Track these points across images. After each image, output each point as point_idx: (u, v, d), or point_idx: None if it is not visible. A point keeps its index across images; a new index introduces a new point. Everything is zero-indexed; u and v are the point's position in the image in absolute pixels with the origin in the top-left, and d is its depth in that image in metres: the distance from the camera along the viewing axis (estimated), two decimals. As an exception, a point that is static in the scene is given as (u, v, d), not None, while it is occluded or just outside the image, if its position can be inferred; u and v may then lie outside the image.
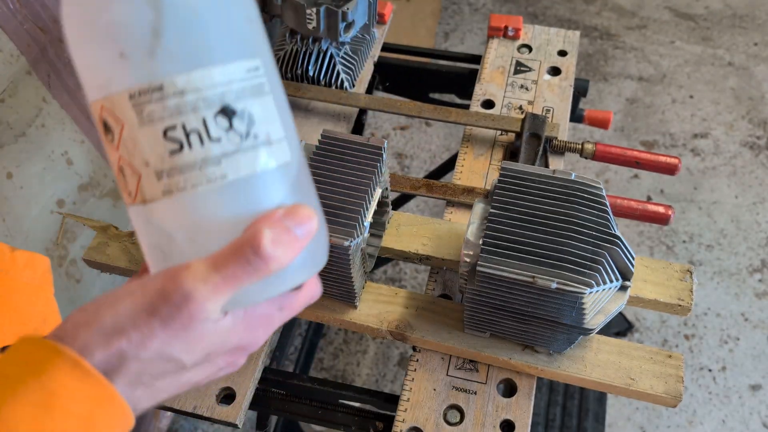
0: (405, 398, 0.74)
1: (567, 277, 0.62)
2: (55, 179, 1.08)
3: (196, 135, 0.35)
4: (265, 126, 0.37)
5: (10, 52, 0.97)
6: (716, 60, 2.41)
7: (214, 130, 0.35)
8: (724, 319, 1.78)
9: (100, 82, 0.35)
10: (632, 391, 0.72)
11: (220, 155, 0.35)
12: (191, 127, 0.35)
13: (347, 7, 0.96)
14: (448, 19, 2.62)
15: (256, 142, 0.36)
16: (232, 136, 0.36)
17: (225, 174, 0.36)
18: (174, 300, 0.34)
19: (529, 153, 0.92)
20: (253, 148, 0.36)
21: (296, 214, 0.36)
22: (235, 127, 0.36)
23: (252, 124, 0.36)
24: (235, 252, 0.34)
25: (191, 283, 0.34)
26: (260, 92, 0.37)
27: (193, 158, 0.35)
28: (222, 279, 0.34)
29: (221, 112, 0.35)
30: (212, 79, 0.35)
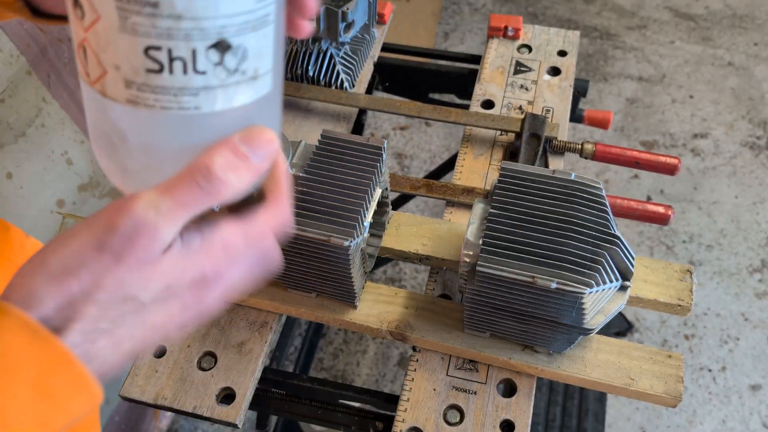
0: (405, 398, 0.74)
1: (567, 277, 0.62)
2: (55, 179, 1.08)
3: (180, 63, 0.32)
4: (256, 60, 0.34)
5: (10, 52, 0.97)
6: (716, 60, 2.41)
7: (202, 63, 0.32)
8: (724, 319, 1.78)
9: None
10: (632, 391, 0.72)
11: (200, 87, 0.33)
12: (178, 54, 0.32)
13: (347, 7, 0.96)
14: (448, 19, 2.62)
15: (242, 78, 0.34)
16: (219, 71, 0.33)
17: (199, 105, 0.33)
18: (124, 230, 0.31)
19: (529, 153, 0.92)
20: (236, 84, 0.34)
21: (253, 138, 0.34)
22: (225, 62, 0.33)
23: (244, 60, 0.34)
24: (186, 177, 0.33)
25: (142, 211, 0.32)
26: (264, 23, 0.34)
27: (171, 84, 0.32)
28: (174, 204, 0.32)
29: (215, 46, 0.32)
30: (216, 10, 0.31)
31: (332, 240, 0.66)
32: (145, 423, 1.50)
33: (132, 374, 0.76)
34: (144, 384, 0.76)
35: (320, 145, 0.73)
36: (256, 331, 0.80)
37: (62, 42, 1.06)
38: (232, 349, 0.78)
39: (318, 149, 0.73)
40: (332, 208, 0.68)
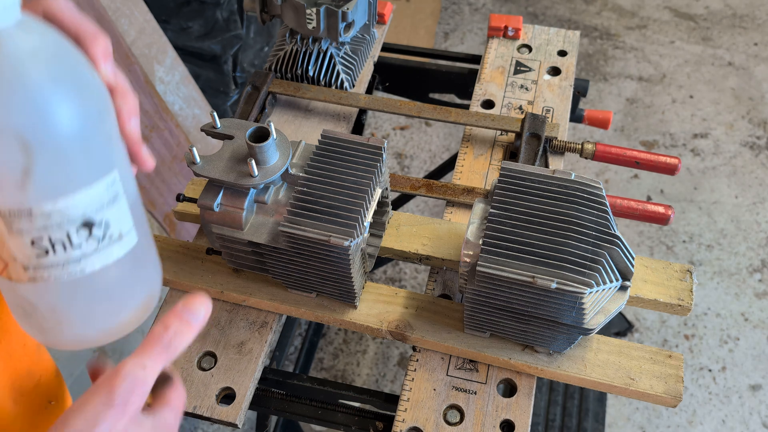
0: (405, 398, 0.74)
1: (567, 277, 0.62)
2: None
3: (60, 244, 0.41)
4: (119, 225, 0.43)
5: (10, 52, 0.97)
6: (716, 60, 2.41)
7: (76, 240, 0.41)
8: (724, 319, 1.78)
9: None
10: (632, 391, 0.72)
11: (80, 257, 0.42)
12: (56, 238, 0.40)
13: (347, 7, 0.96)
14: (448, 19, 2.62)
15: (110, 241, 0.43)
16: (91, 242, 0.42)
17: (83, 269, 0.42)
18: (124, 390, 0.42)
19: (529, 153, 0.92)
20: (107, 247, 0.43)
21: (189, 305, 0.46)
22: (94, 234, 0.42)
23: (108, 228, 0.43)
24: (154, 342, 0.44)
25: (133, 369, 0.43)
26: (116, 199, 0.43)
27: (57, 260, 0.41)
28: (152, 362, 0.44)
29: (83, 226, 0.41)
30: (75, 203, 0.40)
31: (332, 240, 0.66)
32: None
33: (132, 374, 0.76)
34: (144, 384, 0.76)
35: (320, 145, 0.73)
36: (256, 331, 0.80)
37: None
38: (232, 349, 0.78)
39: (318, 149, 0.73)
40: (332, 208, 0.68)
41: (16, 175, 0.38)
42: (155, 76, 1.46)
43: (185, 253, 0.84)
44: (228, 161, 0.70)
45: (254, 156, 0.68)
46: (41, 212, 0.39)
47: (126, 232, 0.45)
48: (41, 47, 0.38)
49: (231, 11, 1.85)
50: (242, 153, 0.70)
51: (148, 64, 1.44)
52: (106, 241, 0.43)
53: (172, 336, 0.45)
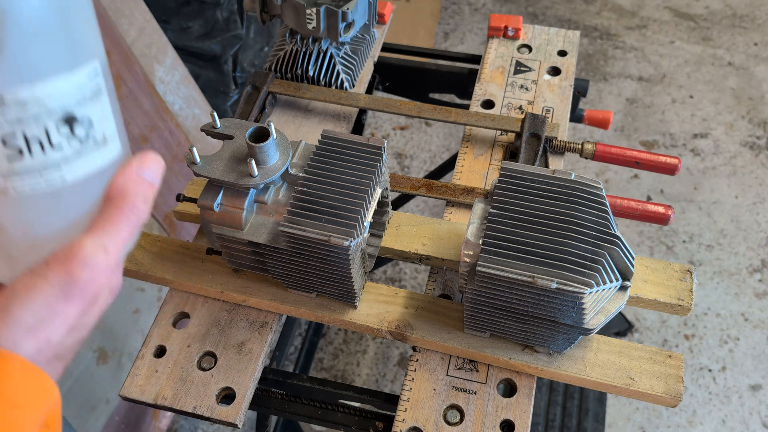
0: (405, 398, 0.74)
1: (567, 277, 0.62)
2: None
3: (37, 143, 0.35)
4: (102, 126, 0.38)
5: (10, 52, 0.97)
6: (716, 60, 2.41)
7: (56, 138, 0.36)
8: (724, 319, 1.78)
9: None
10: (632, 391, 0.72)
11: (60, 161, 0.36)
12: (32, 135, 0.35)
13: (347, 7, 0.96)
14: (448, 19, 2.62)
15: (95, 144, 0.38)
16: (73, 143, 0.36)
17: (64, 177, 0.37)
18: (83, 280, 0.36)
19: (529, 153, 0.92)
20: (91, 151, 0.38)
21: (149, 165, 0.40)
22: (76, 133, 0.37)
23: (91, 127, 0.37)
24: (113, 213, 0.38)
25: (94, 258, 0.36)
26: (99, 94, 0.38)
27: (33, 164, 0.36)
28: (116, 241, 0.37)
29: (63, 121, 0.36)
30: (55, 90, 0.35)
31: (332, 240, 0.66)
32: (145, 423, 1.50)
33: (132, 374, 0.76)
34: (144, 384, 0.76)
35: (320, 145, 0.73)
36: (256, 331, 0.80)
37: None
38: (232, 349, 0.78)
39: (318, 149, 0.73)
40: (332, 208, 0.68)
41: None
42: (155, 76, 1.46)
43: (185, 253, 0.84)
44: (228, 161, 0.70)
45: (254, 156, 0.68)
46: (15, 99, 0.34)
47: (110, 137, 0.39)
48: None
49: (231, 11, 1.85)
50: (242, 153, 0.70)
51: (148, 64, 1.44)
52: (89, 143, 0.37)
53: (134, 201, 0.38)
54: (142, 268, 0.82)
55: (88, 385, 1.28)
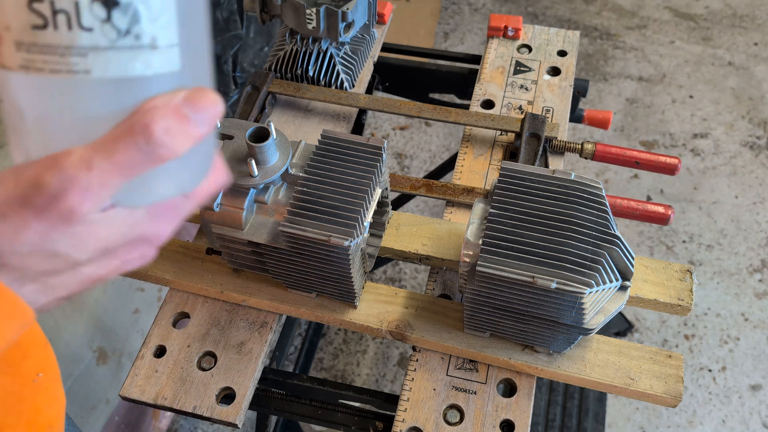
0: (405, 398, 0.74)
1: (567, 277, 0.62)
2: (55, 179, 1.08)
3: (64, 16, 0.30)
4: (153, 27, 0.31)
5: (10, 52, 0.97)
6: (716, 60, 2.41)
7: (87, 18, 0.30)
8: (724, 319, 1.78)
9: None
10: (632, 391, 0.72)
11: (87, 47, 0.30)
12: (60, 5, 0.30)
13: (347, 7, 0.96)
14: (448, 19, 2.62)
15: (136, 43, 0.31)
16: (108, 30, 0.30)
17: (89, 69, 0.31)
18: (50, 189, 0.30)
19: (529, 153, 0.92)
20: (129, 49, 0.31)
21: (197, 100, 0.32)
22: (113, 20, 0.30)
23: (136, 23, 0.31)
24: (124, 136, 0.31)
25: (72, 170, 0.30)
26: None
27: (57, 41, 0.30)
28: (110, 165, 0.31)
29: None
30: None
31: (332, 240, 0.66)
32: (145, 423, 1.50)
33: (132, 374, 0.76)
34: (144, 384, 0.76)
35: (320, 145, 0.73)
36: (256, 331, 0.80)
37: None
38: (232, 349, 0.78)
39: (318, 149, 0.73)
40: (332, 208, 0.68)
41: None
42: (155, 76, 1.46)
43: (185, 253, 0.84)
44: (228, 161, 0.70)
45: (254, 156, 0.68)
46: None
47: (164, 46, 0.32)
48: None
49: (231, 11, 1.85)
50: (242, 153, 0.70)
51: (148, 64, 1.43)
52: (129, 39, 0.31)
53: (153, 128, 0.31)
54: (142, 268, 0.82)
55: (87, 385, 1.28)
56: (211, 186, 0.39)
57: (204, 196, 0.39)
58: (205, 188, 0.39)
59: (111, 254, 0.35)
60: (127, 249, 0.35)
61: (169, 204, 0.36)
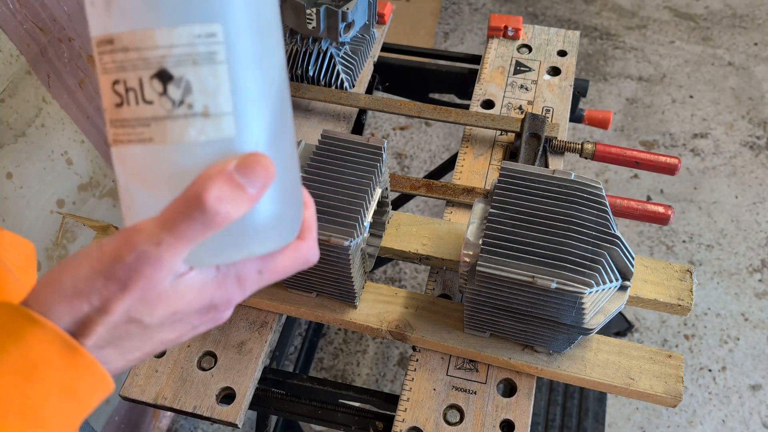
0: (405, 398, 0.74)
1: (567, 277, 0.62)
2: (55, 179, 1.08)
3: (133, 93, 0.35)
4: (206, 97, 0.35)
5: (9, 52, 0.97)
6: (716, 60, 2.41)
7: (148, 92, 0.35)
8: (724, 319, 1.78)
9: (89, 22, 0.36)
10: (632, 391, 0.72)
11: (149, 117, 0.35)
12: (130, 84, 0.35)
13: (347, 7, 0.96)
14: (448, 19, 2.62)
15: (190, 111, 0.35)
16: (164, 102, 0.35)
17: (152, 137, 0.35)
18: (128, 263, 0.34)
19: (529, 153, 0.92)
20: (184, 118, 0.35)
21: (248, 167, 0.35)
22: (168, 92, 0.35)
23: (188, 93, 0.35)
24: (181, 209, 0.34)
25: (143, 247, 0.34)
26: (210, 60, 0.35)
27: (129, 115, 0.35)
28: (173, 238, 0.34)
29: (157, 76, 0.35)
30: (153, 41, 0.34)
31: (332, 240, 0.66)
32: (145, 423, 1.50)
33: (132, 374, 0.76)
34: (144, 384, 0.76)
35: (320, 145, 0.73)
36: (256, 331, 0.80)
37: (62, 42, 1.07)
38: (232, 349, 0.78)
39: (318, 149, 0.73)
40: (332, 208, 0.68)
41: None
42: (155, 76, 1.46)
43: (185, 253, 0.84)
44: (228, 161, 0.70)
45: (254, 156, 0.68)
46: (120, 43, 0.34)
47: (216, 113, 0.35)
48: None
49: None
50: (242, 153, 0.70)
51: (148, 64, 1.44)
52: (182, 108, 0.35)
53: (207, 201, 0.33)
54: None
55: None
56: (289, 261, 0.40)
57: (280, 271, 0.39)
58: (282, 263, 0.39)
59: (181, 320, 0.38)
60: (196, 315, 0.38)
61: (242, 275, 0.38)
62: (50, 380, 0.34)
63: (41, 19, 1.01)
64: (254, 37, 0.36)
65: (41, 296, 0.35)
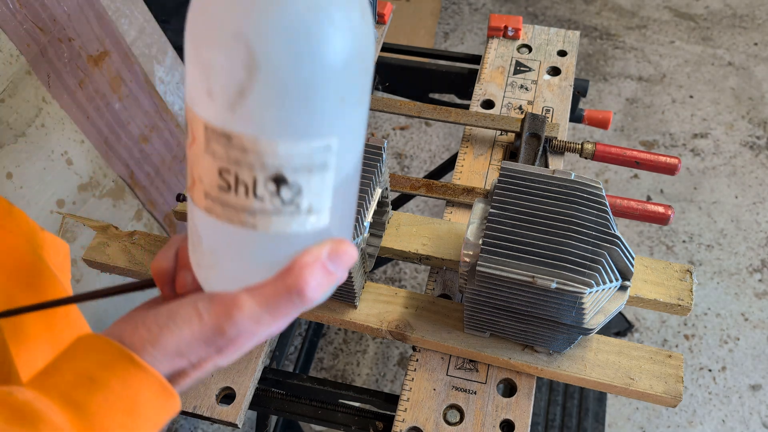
0: (405, 398, 0.74)
1: (567, 277, 0.62)
2: (55, 179, 1.08)
3: (243, 187, 0.37)
4: (311, 198, 0.38)
5: (10, 52, 0.97)
6: (716, 60, 2.41)
7: (261, 191, 0.37)
8: (724, 319, 1.78)
9: (191, 94, 0.37)
10: (632, 391, 0.72)
11: (257, 210, 0.37)
12: (242, 178, 0.36)
13: (347, 7, 0.96)
14: (448, 19, 2.62)
15: (296, 209, 0.38)
16: (275, 201, 0.37)
17: (256, 225, 0.38)
18: (229, 336, 0.39)
19: (529, 153, 0.92)
20: (290, 214, 0.38)
21: (340, 256, 0.40)
22: (281, 194, 0.37)
23: (298, 195, 0.37)
24: (282, 293, 0.39)
25: (246, 323, 0.39)
26: (322, 169, 0.37)
27: (235, 202, 0.37)
28: (271, 318, 0.39)
29: (273, 179, 0.36)
30: (275, 150, 0.35)
31: (332, 240, 0.66)
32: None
33: (132, 374, 0.76)
34: (144, 384, 0.76)
35: (320, 145, 0.73)
36: (256, 331, 0.80)
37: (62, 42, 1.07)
38: (232, 349, 0.78)
39: (318, 149, 0.73)
40: (332, 208, 0.68)
41: (231, 89, 0.34)
42: (155, 76, 1.46)
43: (185, 253, 0.84)
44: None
45: (254, 156, 0.68)
46: (240, 145, 0.35)
47: (317, 210, 0.39)
48: None
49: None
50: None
51: (148, 64, 1.43)
52: (290, 207, 0.38)
53: (303, 286, 0.38)
54: (142, 268, 0.82)
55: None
56: None
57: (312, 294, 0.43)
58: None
59: None
60: None
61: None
62: (147, 418, 0.39)
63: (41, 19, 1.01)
64: (355, 142, 0.39)
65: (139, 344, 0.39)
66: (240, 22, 0.33)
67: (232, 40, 0.33)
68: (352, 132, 0.38)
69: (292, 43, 0.33)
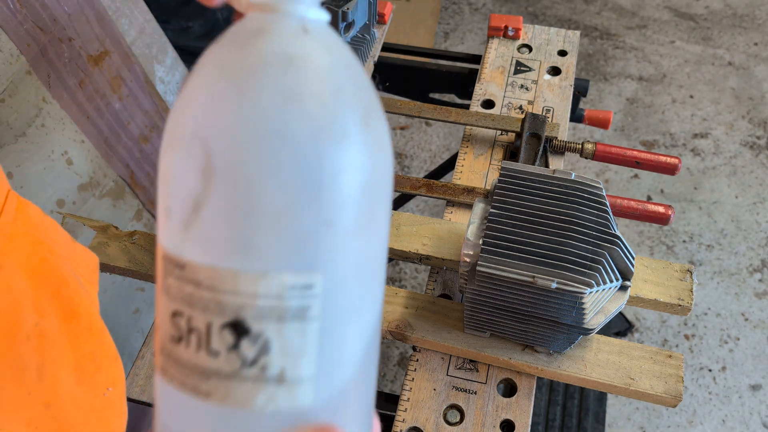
0: (405, 398, 0.74)
1: (567, 277, 0.62)
2: (55, 179, 1.08)
3: (195, 337, 0.28)
4: (284, 359, 0.28)
5: (10, 52, 0.97)
6: (716, 60, 2.41)
7: (216, 343, 0.28)
8: (724, 319, 1.78)
9: (158, 221, 0.30)
10: (632, 391, 0.72)
11: (210, 371, 0.28)
12: (194, 324, 0.28)
13: (347, 7, 0.96)
14: (448, 19, 2.62)
15: (262, 375, 0.28)
16: (232, 358, 0.27)
17: (209, 393, 0.28)
18: None
19: (529, 153, 0.92)
20: (252, 381, 0.28)
21: None
22: (240, 349, 0.27)
23: (264, 353, 0.28)
24: None
25: None
26: (299, 317, 0.28)
27: (184, 358, 0.28)
28: None
29: (230, 326, 0.27)
30: (234, 285, 0.27)
31: (332, 240, 0.66)
32: (145, 423, 1.50)
33: (132, 374, 0.76)
34: (144, 384, 0.76)
35: (320, 145, 0.73)
36: (256, 331, 0.80)
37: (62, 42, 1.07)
38: (232, 349, 0.78)
39: (318, 149, 0.73)
40: (332, 208, 0.68)
41: (186, 203, 0.27)
42: (155, 76, 1.46)
43: (185, 253, 0.84)
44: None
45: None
46: (193, 277, 0.27)
47: (294, 378, 0.28)
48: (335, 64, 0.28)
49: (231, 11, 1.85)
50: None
51: (148, 64, 1.44)
52: (254, 370, 0.28)
53: None
54: (142, 268, 0.82)
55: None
56: None
57: None
58: None
59: None
60: None
61: None
62: None
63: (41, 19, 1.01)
64: (359, 289, 0.29)
65: None
66: (199, 119, 0.27)
67: (188, 140, 0.27)
68: (353, 269, 0.28)
69: (256, 142, 0.26)
